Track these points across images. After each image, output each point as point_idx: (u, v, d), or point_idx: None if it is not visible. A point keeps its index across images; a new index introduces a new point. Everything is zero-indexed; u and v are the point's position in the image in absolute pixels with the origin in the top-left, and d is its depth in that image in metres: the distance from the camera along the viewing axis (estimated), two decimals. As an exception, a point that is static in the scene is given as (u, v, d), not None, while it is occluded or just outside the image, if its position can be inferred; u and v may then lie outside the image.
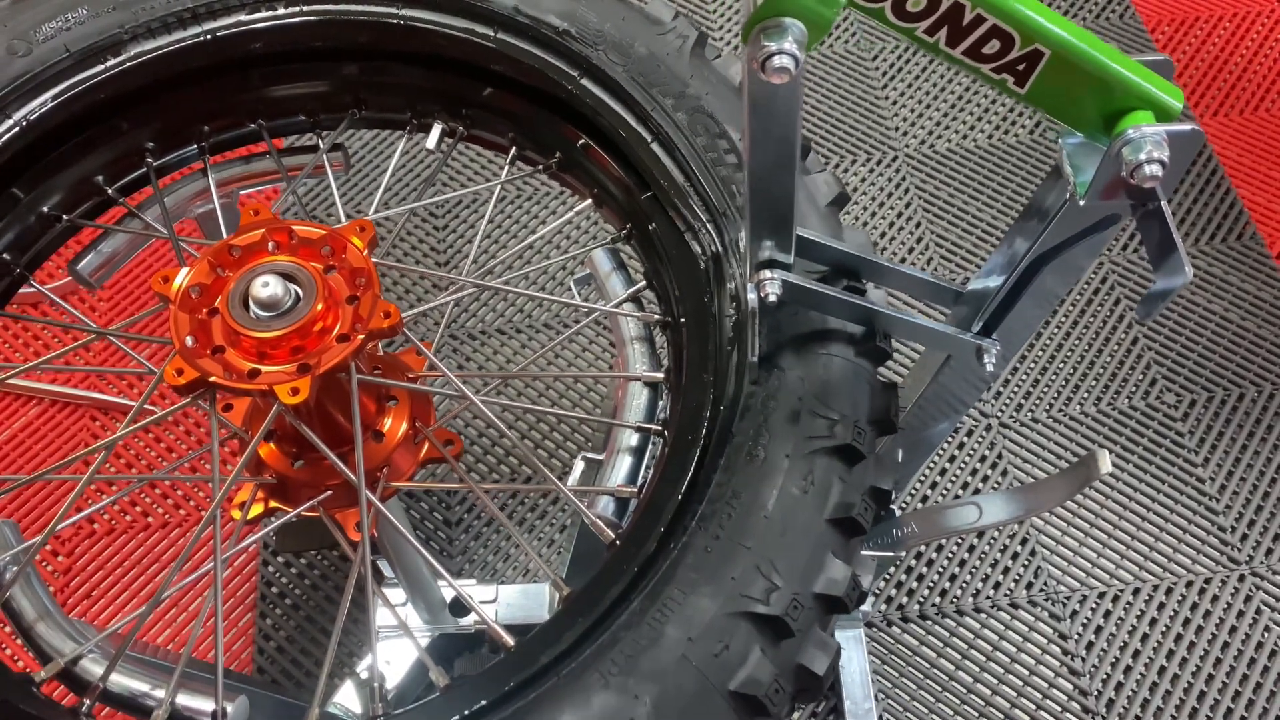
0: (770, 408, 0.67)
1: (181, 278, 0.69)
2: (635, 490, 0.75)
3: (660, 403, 0.79)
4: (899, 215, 1.61)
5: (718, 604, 0.60)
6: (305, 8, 0.82)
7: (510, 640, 0.65)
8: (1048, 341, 1.47)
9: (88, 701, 0.66)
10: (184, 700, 0.67)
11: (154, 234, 0.86)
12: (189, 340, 0.67)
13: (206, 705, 0.67)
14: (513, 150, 0.90)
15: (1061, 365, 1.45)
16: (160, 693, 0.67)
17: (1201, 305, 1.51)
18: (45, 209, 0.83)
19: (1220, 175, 1.63)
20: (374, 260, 0.72)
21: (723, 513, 0.64)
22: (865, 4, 0.52)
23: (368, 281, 0.69)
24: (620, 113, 0.80)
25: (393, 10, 0.82)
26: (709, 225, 0.76)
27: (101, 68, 0.80)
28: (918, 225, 1.60)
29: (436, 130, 0.90)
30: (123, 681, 0.68)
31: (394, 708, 0.65)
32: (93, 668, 0.68)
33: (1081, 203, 0.58)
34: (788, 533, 0.63)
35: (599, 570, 0.66)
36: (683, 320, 0.77)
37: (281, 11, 0.82)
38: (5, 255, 0.83)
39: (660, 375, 0.80)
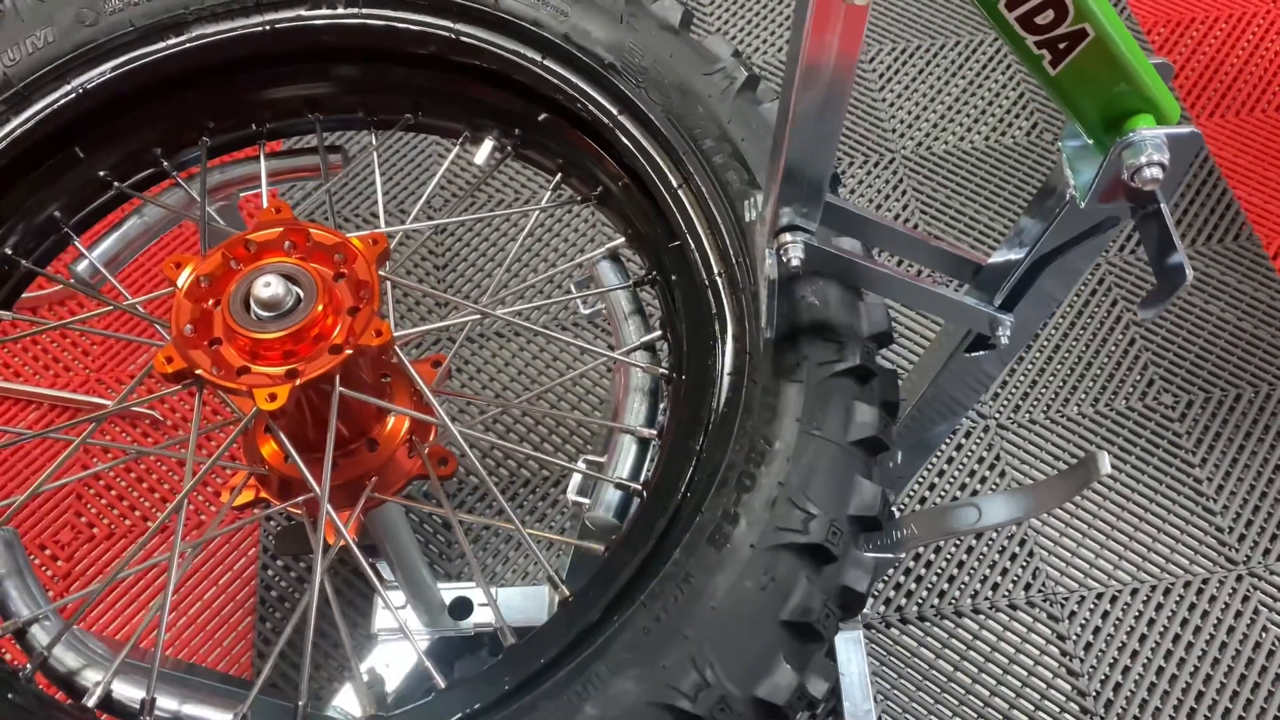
0: (747, 487, 0.63)
1: (187, 275, 0.69)
2: (603, 549, 0.72)
3: (648, 459, 0.77)
4: (896, 217, 1.61)
5: (642, 690, 0.57)
6: (364, 10, 0.83)
7: (443, 682, 0.64)
8: (1045, 342, 1.48)
9: (28, 667, 0.66)
10: (123, 689, 0.67)
11: (182, 216, 0.87)
12: (188, 329, 0.67)
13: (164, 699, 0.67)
14: (558, 176, 0.89)
15: (1059, 366, 1.46)
16: (99, 676, 0.67)
17: (1198, 306, 1.51)
18: (101, 173, 0.85)
19: (1217, 176, 1.64)
20: (395, 277, 0.72)
21: (670, 594, 0.60)
22: None
23: (369, 295, 0.69)
24: (653, 154, 0.78)
25: (446, 24, 0.82)
26: (724, 282, 0.73)
27: (163, 45, 0.81)
28: (915, 227, 1.60)
29: (487, 145, 0.89)
30: (64, 657, 0.68)
31: (394, 709, 0.66)
32: (42, 637, 0.69)
33: (1081, 205, 0.59)
34: (735, 628, 0.58)
35: (548, 623, 0.64)
36: (683, 378, 0.75)
37: (341, 11, 0.83)
38: (56, 213, 0.84)
39: (653, 432, 0.77)
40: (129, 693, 0.67)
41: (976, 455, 1.38)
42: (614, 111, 0.79)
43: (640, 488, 0.73)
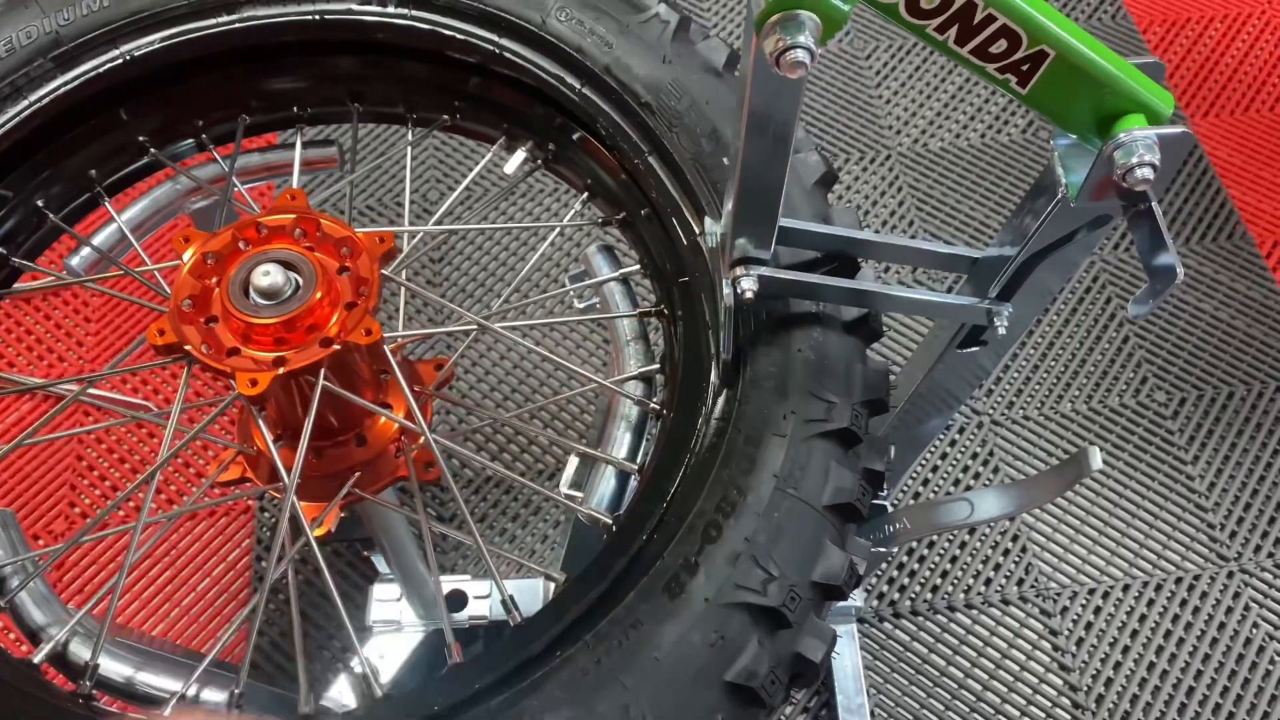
0: (712, 537, 0.61)
1: (191, 252, 0.70)
2: (562, 580, 0.70)
3: (627, 491, 0.75)
4: (892, 214, 1.62)
5: None
6: (413, 11, 0.84)
7: (380, 690, 0.64)
8: (1039, 340, 1.48)
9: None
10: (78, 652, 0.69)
11: (210, 190, 0.88)
12: (186, 303, 0.68)
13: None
14: (585, 195, 0.89)
15: (1053, 363, 1.46)
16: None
17: (1192, 304, 1.52)
18: (141, 138, 0.87)
19: (1211, 175, 1.64)
20: (398, 278, 0.72)
21: (616, 638, 0.58)
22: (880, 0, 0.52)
23: (367, 293, 0.69)
24: (676, 198, 0.77)
25: (492, 38, 0.83)
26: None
27: (213, 21, 0.83)
28: (911, 224, 1.60)
29: (520, 155, 0.90)
30: (32, 613, 0.70)
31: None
32: (29, 605, 0.71)
33: (1073, 204, 0.59)
34: (674, 683, 0.56)
35: (498, 645, 0.63)
36: (672, 416, 0.74)
37: (391, 10, 0.84)
38: (92, 171, 0.86)
39: (634, 467, 0.76)
40: (81, 654, 0.69)
41: (970, 451, 1.39)
42: (644, 150, 0.79)
43: (612, 521, 0.72)
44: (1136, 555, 1.31)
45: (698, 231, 0.76)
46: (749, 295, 0.65)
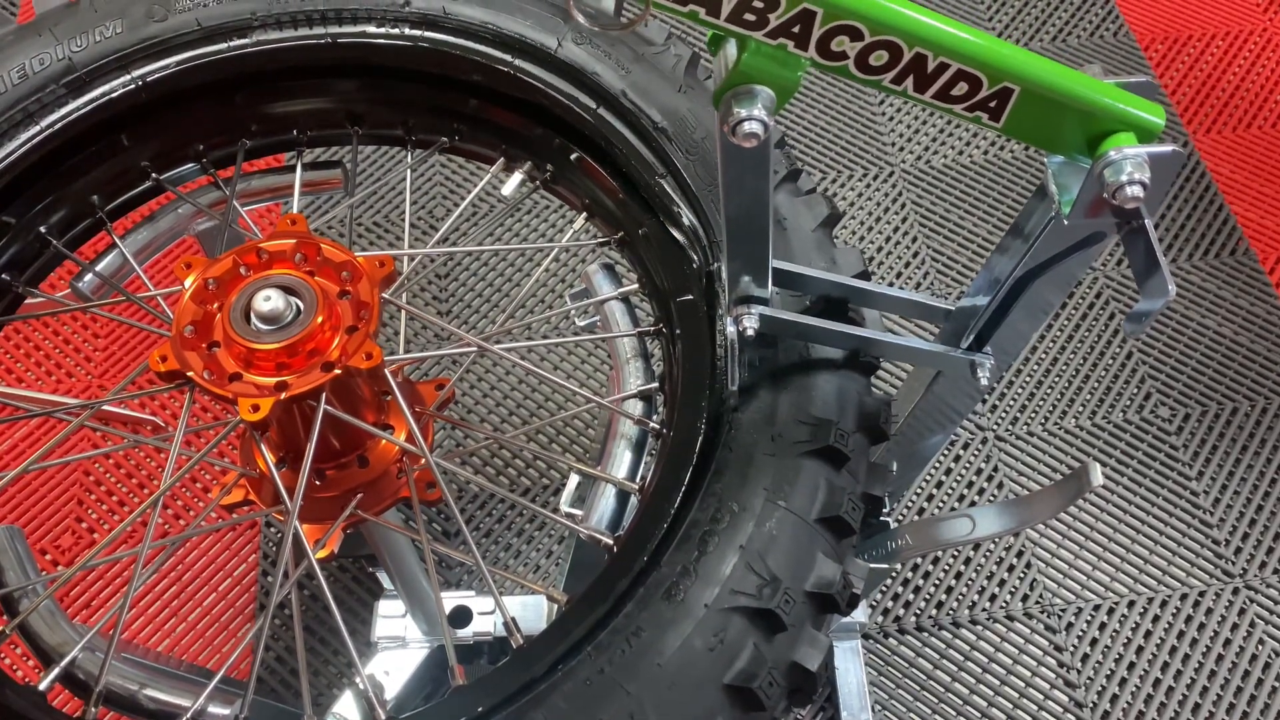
0: (709, 545, 0.63)
1: (192, 278, 0.70)
2: (565, 599, 0.71)
3: (627, 509, 0.77)
4: (895, 230, 1.62)
5: None
6: (427, 34, 0.84)
7: (384, 715, 0.65)
8: (1043, 356, 1.48)
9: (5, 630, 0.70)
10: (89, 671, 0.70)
11: (210, 215, 0.89)
12: (188, 329, 0.68)
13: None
14: (583, 215, 0.90)
15: (1057, 380, 1.46)
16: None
17: (1195, 320, 1.52)
18: (143, 163, 0.88)
19: (1214, 192, 1.65)
20: (398, 301, 0.72)
21: (618, 646, 0.60)
22: (828, 64, 0.53)
23: (368, 317, 0.69)
24: (693, 222, 0.78)
25: (505, 58, 0.84)
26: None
27: (225, 46, 0.84)
28: (914, 240, 1.61)
29: (517, 177, 0.90)
30: (44, 633, 0.71)
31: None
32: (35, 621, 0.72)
33: (1066, 221, 0.60)
34: (677, 688, 0.58)
35: (502, 665, 0.64)
36: (671, 434, 0.76)
37: (407, 32, 0.85)
38: (94, 196, 0.87)
39: (634, 486, 0.77)
40: (90, 674, 0.70)
41: (974, 467, 1.39)
42: (661, 172, 0.81)
43: (612, 542, 0.73)
44: (1141, 571, 1.31)
45: (710, 259, 0.77)
46: (750, 332, 0.68)
